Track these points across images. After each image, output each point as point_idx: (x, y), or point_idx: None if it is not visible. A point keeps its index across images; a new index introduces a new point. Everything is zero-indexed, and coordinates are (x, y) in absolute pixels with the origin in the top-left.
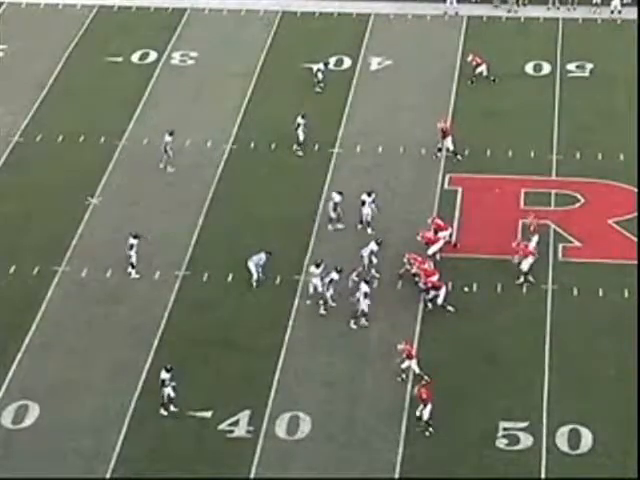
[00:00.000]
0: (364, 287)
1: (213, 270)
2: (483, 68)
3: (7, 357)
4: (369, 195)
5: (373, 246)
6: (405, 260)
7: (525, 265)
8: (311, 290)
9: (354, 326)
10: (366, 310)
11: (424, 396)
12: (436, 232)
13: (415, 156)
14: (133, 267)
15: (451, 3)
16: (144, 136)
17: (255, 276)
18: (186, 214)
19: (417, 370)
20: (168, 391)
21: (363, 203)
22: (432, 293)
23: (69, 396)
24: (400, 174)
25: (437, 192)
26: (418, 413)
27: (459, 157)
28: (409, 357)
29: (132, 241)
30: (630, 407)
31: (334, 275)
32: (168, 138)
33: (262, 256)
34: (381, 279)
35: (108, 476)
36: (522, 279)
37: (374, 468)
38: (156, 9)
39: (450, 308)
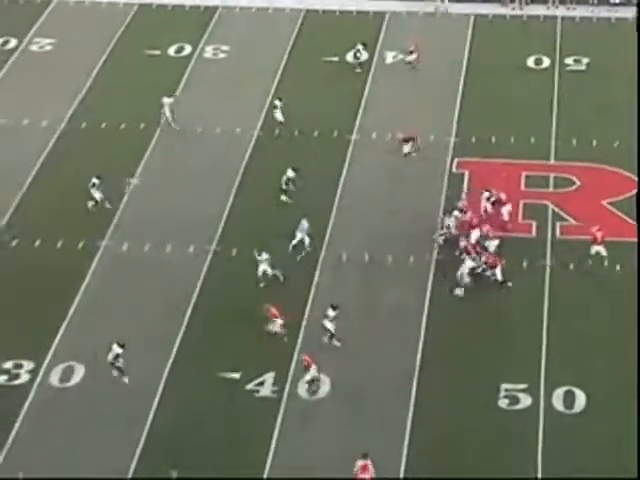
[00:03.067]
0: (469, 263)
1: (241, 246)
2: (413, 57)
3: (55, 322)
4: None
5: (457, 213)
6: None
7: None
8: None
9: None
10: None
11: (305, 363)
12: (493, 204)
13: (425, 142)
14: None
15: (442, 1)
16: (179, 122)
17: (307, 241)
18: (217, 194)
19: (310, 377)
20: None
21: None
22: (489, 272)
23: (106, 364)
24: (411, 158)
25: (445, 175)
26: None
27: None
28: (307, 368)
29: (117, 350)
30: (621, 371)
31: (330, 312)
32: (167, 100)
33: (304, 222)
34: (393, 254)
35: (145, 434)
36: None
37: (387, 424)
38: (191, 7)
39: (509, 284)
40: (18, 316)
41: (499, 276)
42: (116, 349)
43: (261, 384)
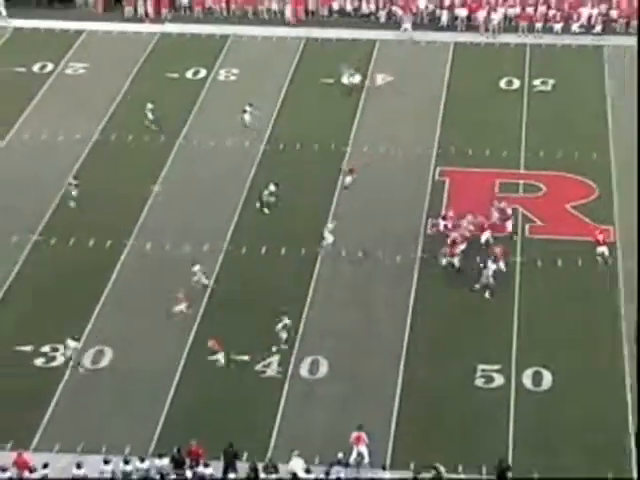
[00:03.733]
0: (492, 266)
1: (249, 245)
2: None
3: (87, 311)
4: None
5: (470, 218)
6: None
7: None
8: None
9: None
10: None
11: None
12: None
13: (411, 153)
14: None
15: (405, 30)
16: (195, 137)
17: (331, 240)
18: (228, 199)
19: (222, 361)
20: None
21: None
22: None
23: (135, 344)
24: (399, 168)
25: (429, 182)
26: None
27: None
28: (215, 352)
29: (73, 344)
30: (582, 353)
31: (286, 320)
32: (150, 106)
33: (330, 225)
34: (384, 251)
35: (165, 411)
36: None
37: (378, 400)
38: (206, 36)
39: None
40: (55, 306)
41: (503, 267)
42: (71, 344)
43: (267, 366)
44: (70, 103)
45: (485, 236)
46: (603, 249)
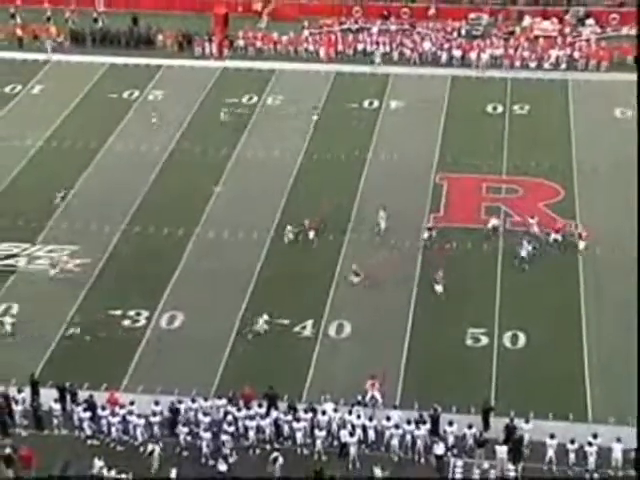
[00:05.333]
0: (526, 245)
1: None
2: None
3: (163, 284)
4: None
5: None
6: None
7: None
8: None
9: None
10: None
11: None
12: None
13: (417, 162)
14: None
15: (379, 64)
16: (249, 152)
17: (383, 226)
18: (274, 196)
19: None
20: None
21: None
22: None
23: (201, 310)
24: (408, 172)
25: (430, 185)
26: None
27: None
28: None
29: (10, 320)
30: (548, 320)
31: (265, 317)
32: (154, 113)
33: (382, 212)
34: (396, 239)
35: (223, 362)
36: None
37: (389, 355)
38: (258, 70)
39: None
40: (138, 280)
41: (531, 249)
42: (8, 319)
43: (304, 328)
44: (151, 122)
45: (492, 223)
46: (585, 243)
